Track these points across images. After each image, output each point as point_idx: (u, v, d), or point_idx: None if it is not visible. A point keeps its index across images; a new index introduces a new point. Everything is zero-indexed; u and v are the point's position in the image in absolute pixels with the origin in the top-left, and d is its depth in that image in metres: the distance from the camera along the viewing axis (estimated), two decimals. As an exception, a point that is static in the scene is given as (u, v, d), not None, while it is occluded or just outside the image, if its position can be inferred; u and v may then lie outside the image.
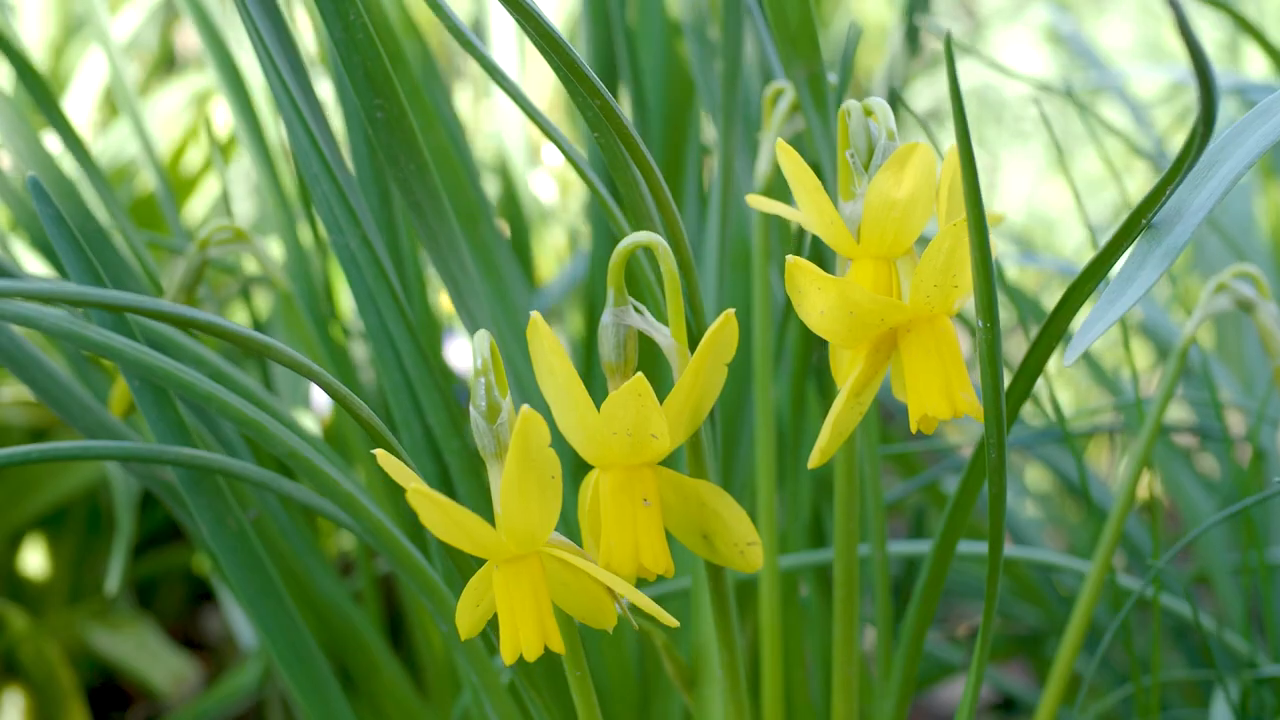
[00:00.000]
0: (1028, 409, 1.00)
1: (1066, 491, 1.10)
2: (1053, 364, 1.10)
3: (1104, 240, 0.51)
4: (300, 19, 0.96)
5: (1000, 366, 0.51)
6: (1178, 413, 1.22)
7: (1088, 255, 1.75)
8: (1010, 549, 0.75)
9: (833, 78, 0.67)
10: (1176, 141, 1.64)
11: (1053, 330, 0.54)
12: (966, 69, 1.87)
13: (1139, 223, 0.49)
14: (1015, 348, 1.50)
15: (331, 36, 0.60)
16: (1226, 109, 1.22)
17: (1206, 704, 0.91)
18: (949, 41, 0.46)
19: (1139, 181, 1.67)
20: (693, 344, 0.56)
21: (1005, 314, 1.51)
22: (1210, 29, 1.89)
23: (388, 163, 0.63)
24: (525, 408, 0.47)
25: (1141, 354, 1.57)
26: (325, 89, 0.89)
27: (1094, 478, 1.02)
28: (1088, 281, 0.52)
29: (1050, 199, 1.85)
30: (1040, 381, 0.73)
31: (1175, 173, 0.48)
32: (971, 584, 1.02)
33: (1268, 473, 0.95)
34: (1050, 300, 1.46)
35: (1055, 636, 0.97)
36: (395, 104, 0.62)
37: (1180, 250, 0.48)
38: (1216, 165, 0.49)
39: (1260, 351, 1.12)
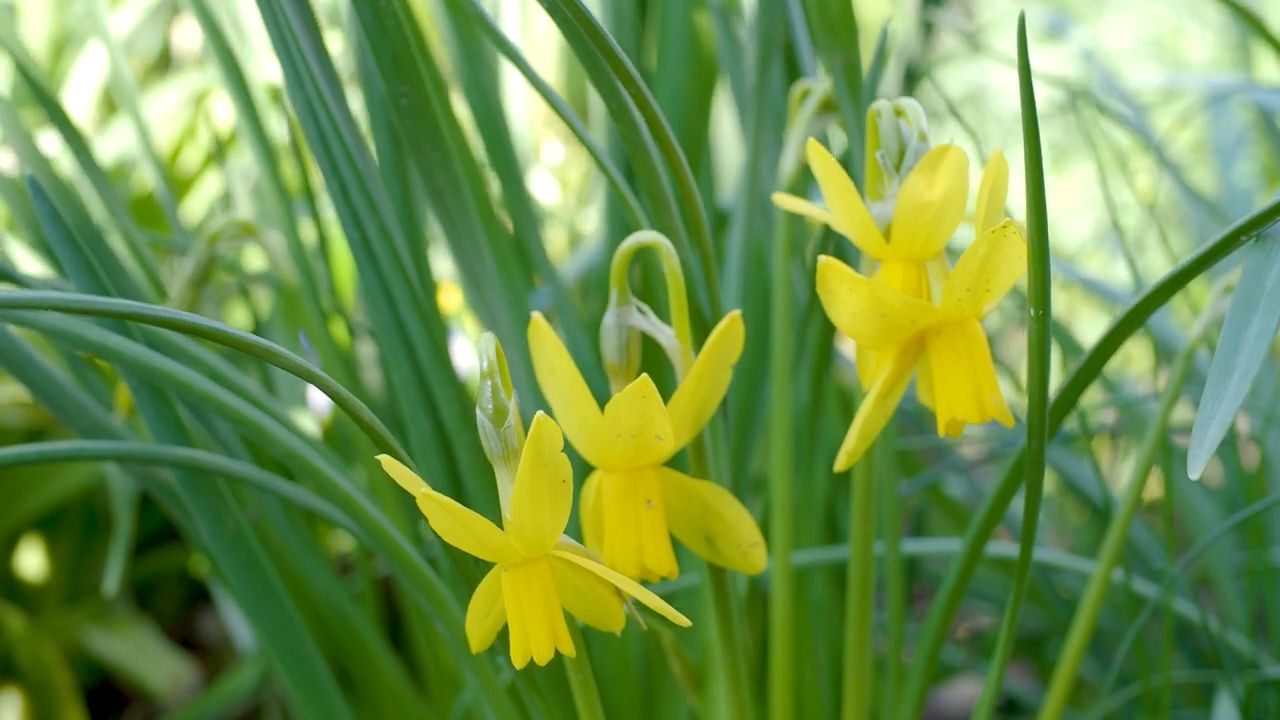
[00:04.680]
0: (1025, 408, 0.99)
1: (1069, 493, 1.09)
2: (1057, 362, 1.10)
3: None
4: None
5: (1049, 356, 0.50)
6: (1182, 413, 1.22)
7: (1090, 256, 1.75)
8: (1011, 549, 0.75)
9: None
10: (1181, 139, 1.63)
11: (1093, 364, 0.54)
12: (966, 71, 1.87)
13: (1236, 241, 0.48)
14: (1016, 349, 1.50)
15: (361, 21, 0.60)
16: (1229, 109, 1.22)
17: (1208, 705, 0.91)
18: (1022, 22, 0.46)
19: (1141, 180, 1.67)
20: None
21: (1000, 317, 1.51)
22: (1213, 32, 1.89)
23: (411, 150, 0.62)
24: (539, 414, 0.46)
25: (1142, 354, 1.56)
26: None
27: (1095, 478, 1.01)
28: (1135, 319, 0.52)
29: (1050, 198, 1.84)
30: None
31: (1259, 223, 0.47)
32: (973, 585, 1.02)
33: (1273, 475, 0.95)
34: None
35: (1057, 638, 0.96)
36: (420, 91, 0.62)
37: None
38: None
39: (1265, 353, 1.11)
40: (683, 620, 0.49)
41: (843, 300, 0.50)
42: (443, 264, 1.15)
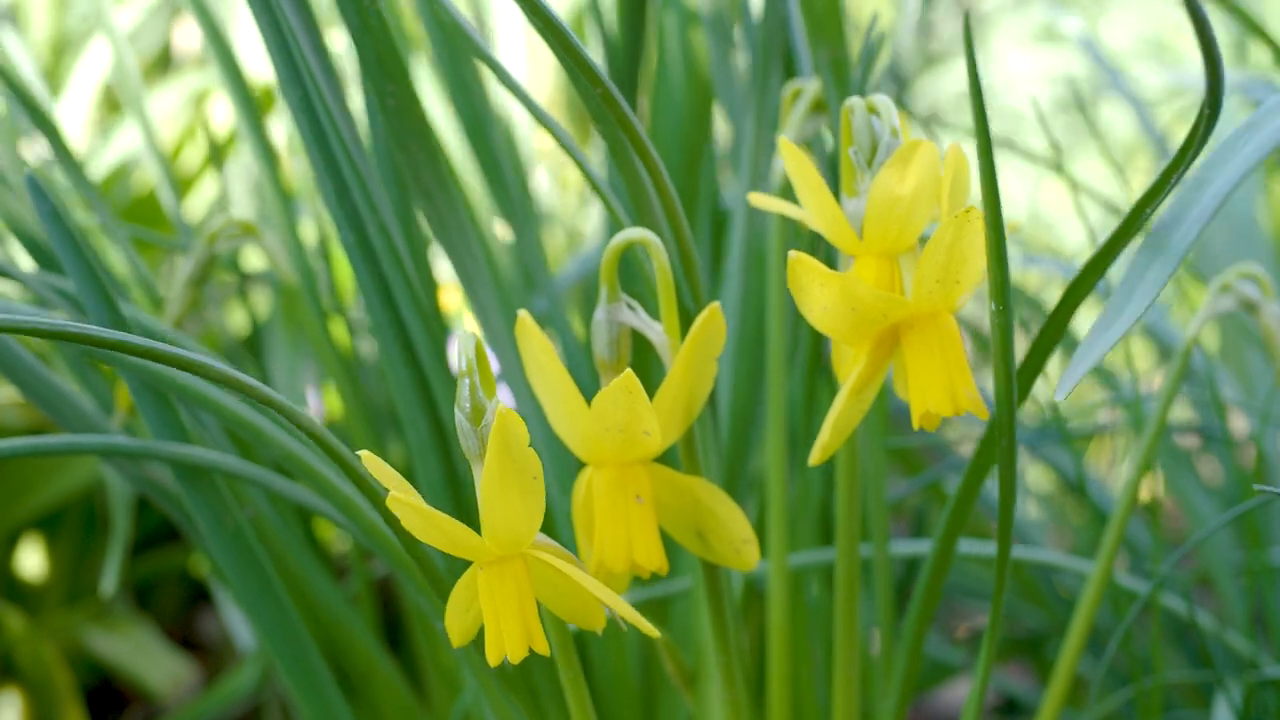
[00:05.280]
0: (1029, 409, 0.99)
1: (1069, 492, 1.09)
2: (1053, 364, 1.10)
3: (1103, 238, 0.51)
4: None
5: (1012, 350, 0.50)
6: (1180, 413, 1.22)
7: (1088, 256, 1.75)
8: (1011, 549, 0.75)
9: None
10: (1179, 138, 1.63)
11: (1054, 327, 0.54)
12: (966, 70, 1.87)
13: (1140, 216, 0.49)
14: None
15: (345, 20, 0.60)
16: (1229, 107, 1.22)
17: (1208, 705, 0.91)
18: (967, 23, 0.46)
19: (1141, 180, 1.67)
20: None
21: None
22: (1217, 28, 1.88)
23: (399, 149, 0.62)
24: (503, 406, 0.46)
25: (1142, 354, 1.56)
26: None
27: (1095, 478, 1.01)
28: (1088, 278, 0.52)
29: (1052, 199, 1.84)
30: (1042, 381, 0.73)
31: (1177, 165, 0.48)
32: (971, 585, 1.02)
33: (1270, 475, 0.95)
34: (1051, 301, 1.46)
35: (1056, 638, 0.96)
36: (406, 90, 0.62)
37: (1181, 257, 0.48)
38: (1216, 170, 0.49)
39: (1263, 352, 1.11)
40: (650, 629, 0.49)
41: (814, 295, 0.50)
42: (444, 263, 1.15)
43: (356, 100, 0.91)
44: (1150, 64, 1.86)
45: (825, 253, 0.69)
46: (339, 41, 1.04)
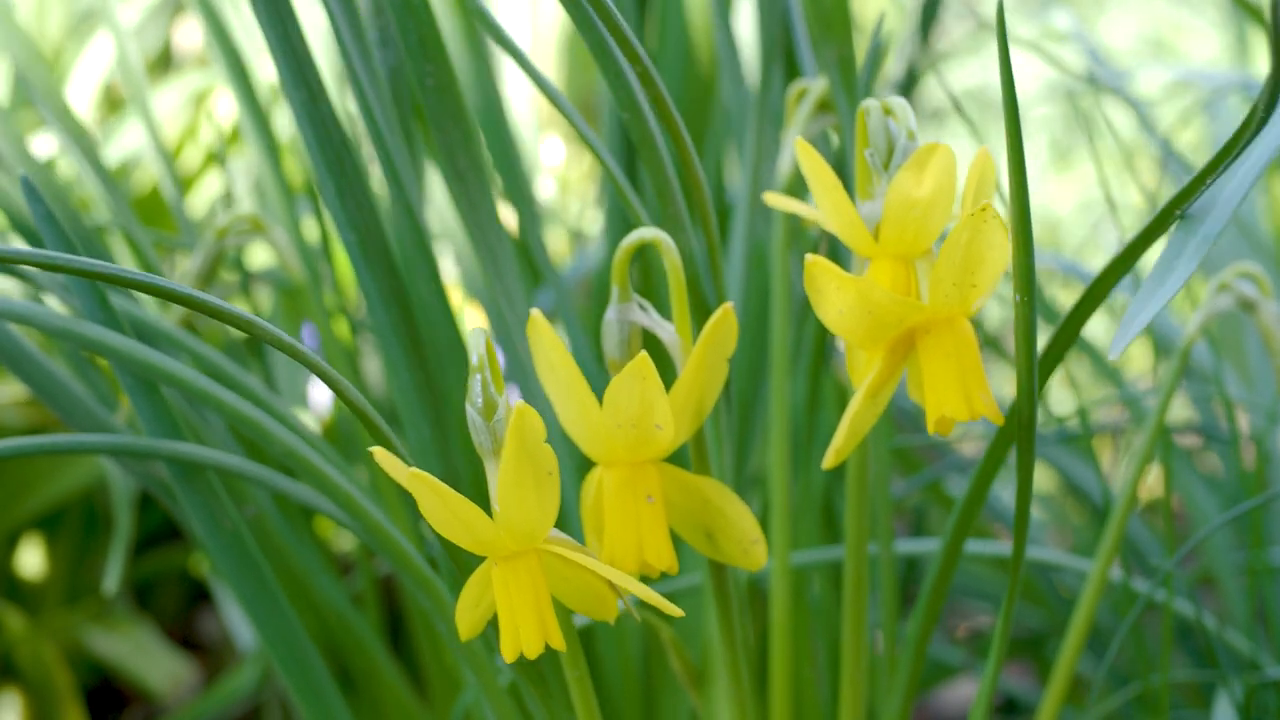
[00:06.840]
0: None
1: (1070, 492, 1.09)
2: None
3: (1125, 235, 0.51)
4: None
5: (1035, 342, 0.50)
6: (1182, 412, 1.22)
7: (1091, 254, 1.75)
8: (1006, 547, 0.75)
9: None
10: (1180, 139, 1.63)
11: (1072, 326, 0.54)
12: (968, 70, 1.87)
13: (1172, 214, 0.49)
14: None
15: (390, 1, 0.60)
16: (1229, 107, 1.22)
17: (1209, 705, 0.91)
18: (1000, 8, 0.46)
19: (1141, 179, 1.67)
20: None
21: (1006, 312, 1.51)
22: (1214, 30, 1.89)
23: (434, 129, 0.62)
24: (520, 402, 0.46)
25: (1144, 353, 1.56)
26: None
27: (1096, 478, 1.01)
28: (1113, 275, 0.52)
29: (1053, 197, 1.85)
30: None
31: (1216, 165, 0.48)
32: (972, 584, 1.02)
33: (1272, 473, 0.95)
34: (1051, 297, 1.45)
35: (1057, 638, 0.96)
36: (445, 70, 0.61)
37: (1215, 238, 0.48)
38: (1243, 156, 0.49)
39: (1263, 350, 1.11)
40: (674, 610, 0.49)
41: (830, 299, 0.50)
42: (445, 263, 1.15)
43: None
44: (1149, 63, 1.87)
45: (832, 252, 0.69)
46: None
